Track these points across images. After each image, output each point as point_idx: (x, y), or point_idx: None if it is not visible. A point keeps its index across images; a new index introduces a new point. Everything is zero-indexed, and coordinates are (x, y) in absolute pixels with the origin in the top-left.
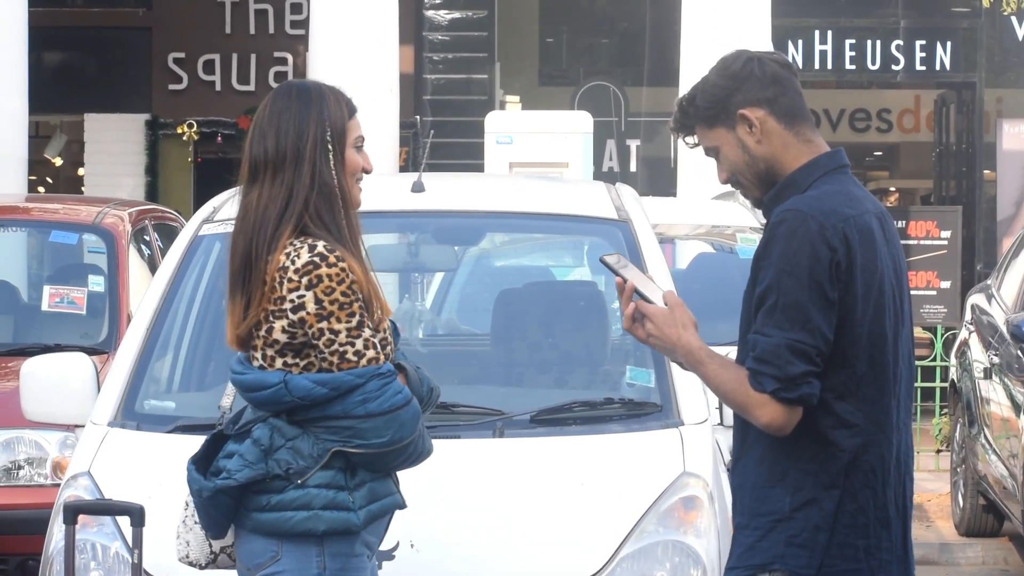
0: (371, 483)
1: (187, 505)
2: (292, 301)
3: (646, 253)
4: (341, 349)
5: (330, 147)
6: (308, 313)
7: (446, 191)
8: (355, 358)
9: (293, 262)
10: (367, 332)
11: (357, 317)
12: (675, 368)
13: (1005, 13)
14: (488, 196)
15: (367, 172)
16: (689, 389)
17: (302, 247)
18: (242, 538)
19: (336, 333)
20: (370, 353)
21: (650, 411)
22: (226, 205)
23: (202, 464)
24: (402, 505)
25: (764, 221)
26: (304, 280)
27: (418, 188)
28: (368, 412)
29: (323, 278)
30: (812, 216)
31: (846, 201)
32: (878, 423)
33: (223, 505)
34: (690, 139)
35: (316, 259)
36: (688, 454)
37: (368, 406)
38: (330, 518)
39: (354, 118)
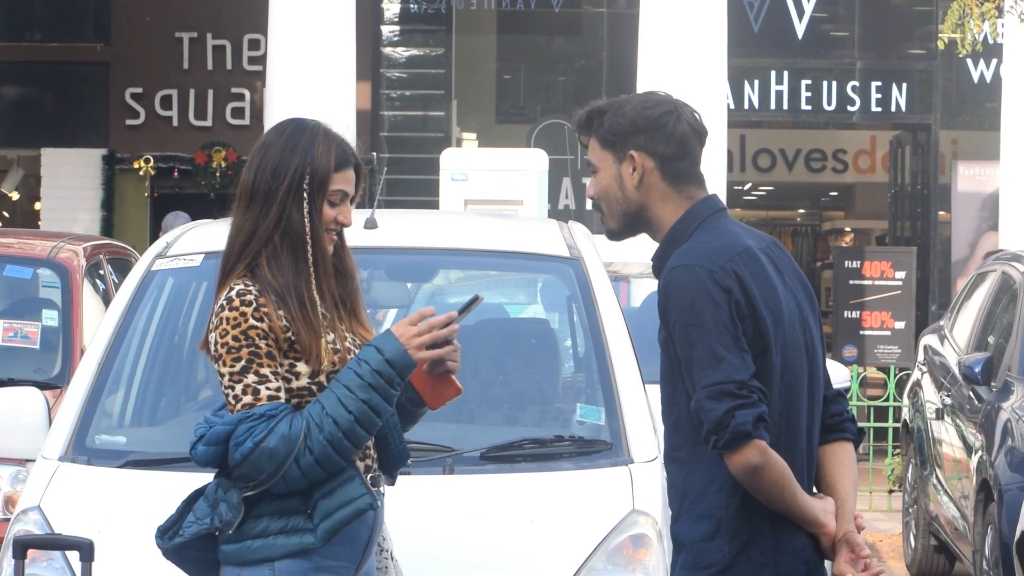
0: (321, 500)
1: None
2: (209, 342)
3: (597, 291)
4: (225, 392)
5: (306, 194)
6: (209, 355)
7: (399, 228)
8: (234, 402)
9: (217, 302)
10: (251, 378)
11: (243, 362)
12: (625, 406)
13: (960, 55)
14: (441, 233)
15: (344, 226)
16: (639, 427)
17: (227, 289)
18: (221, 568)
19: (222, 376)
20: (246, 399)
21: (600, 449)
22: (179, 240)
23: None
24: (369, 507)
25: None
26: (214, 321)
27: (371, 225)
28: (243, 455)
29: (222, 321)
30: (698, 265)
31: (727, 242)
32: (793, 448)
33: (192, 559)
34: (584, 140)
35: (224, 302)
36: (638, 492)
37: (240, 449)
38: (285, 543)
39: (342, 171)
